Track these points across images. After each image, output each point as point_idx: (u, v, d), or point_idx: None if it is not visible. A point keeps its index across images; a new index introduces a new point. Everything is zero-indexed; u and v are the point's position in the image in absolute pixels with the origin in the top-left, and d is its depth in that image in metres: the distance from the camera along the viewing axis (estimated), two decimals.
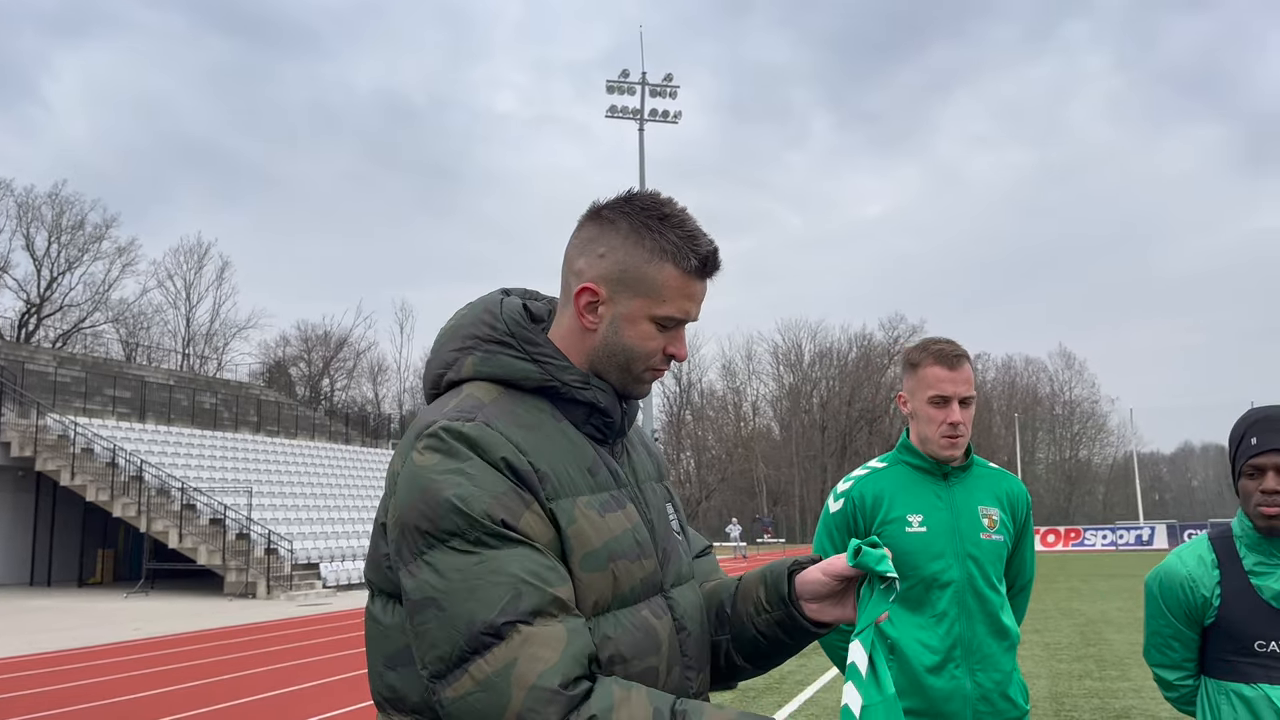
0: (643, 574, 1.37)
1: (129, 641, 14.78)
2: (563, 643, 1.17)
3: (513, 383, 1.40)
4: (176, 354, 57.83)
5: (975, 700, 2.54)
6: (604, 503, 1.36)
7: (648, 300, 1.41)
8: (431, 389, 1.46)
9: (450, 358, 1.44)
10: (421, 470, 1.26)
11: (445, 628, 1.17)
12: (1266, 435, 2.28)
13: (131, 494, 26.80)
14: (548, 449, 1.33)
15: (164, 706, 9.20)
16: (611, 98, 38.12)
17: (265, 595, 23.92)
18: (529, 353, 1.41)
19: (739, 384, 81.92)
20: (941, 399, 2.62)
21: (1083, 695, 8.65)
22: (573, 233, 1.47)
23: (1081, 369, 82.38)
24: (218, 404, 37.34)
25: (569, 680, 1.15)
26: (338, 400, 66.17)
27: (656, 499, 1.52)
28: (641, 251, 1.40)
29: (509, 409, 1.35)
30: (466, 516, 1.21)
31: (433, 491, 1.23)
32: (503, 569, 1.19)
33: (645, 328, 1.42)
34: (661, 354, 1.44)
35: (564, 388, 1.40)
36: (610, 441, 1.47)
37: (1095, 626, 14.12)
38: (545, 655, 1.15)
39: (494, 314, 1.44)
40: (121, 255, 56.15)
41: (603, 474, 1.40)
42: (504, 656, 1.14)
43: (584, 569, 1.29)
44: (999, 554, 2.66)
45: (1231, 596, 2.36)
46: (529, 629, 1.16)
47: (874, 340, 78.95)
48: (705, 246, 1.41)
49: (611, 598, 1.31)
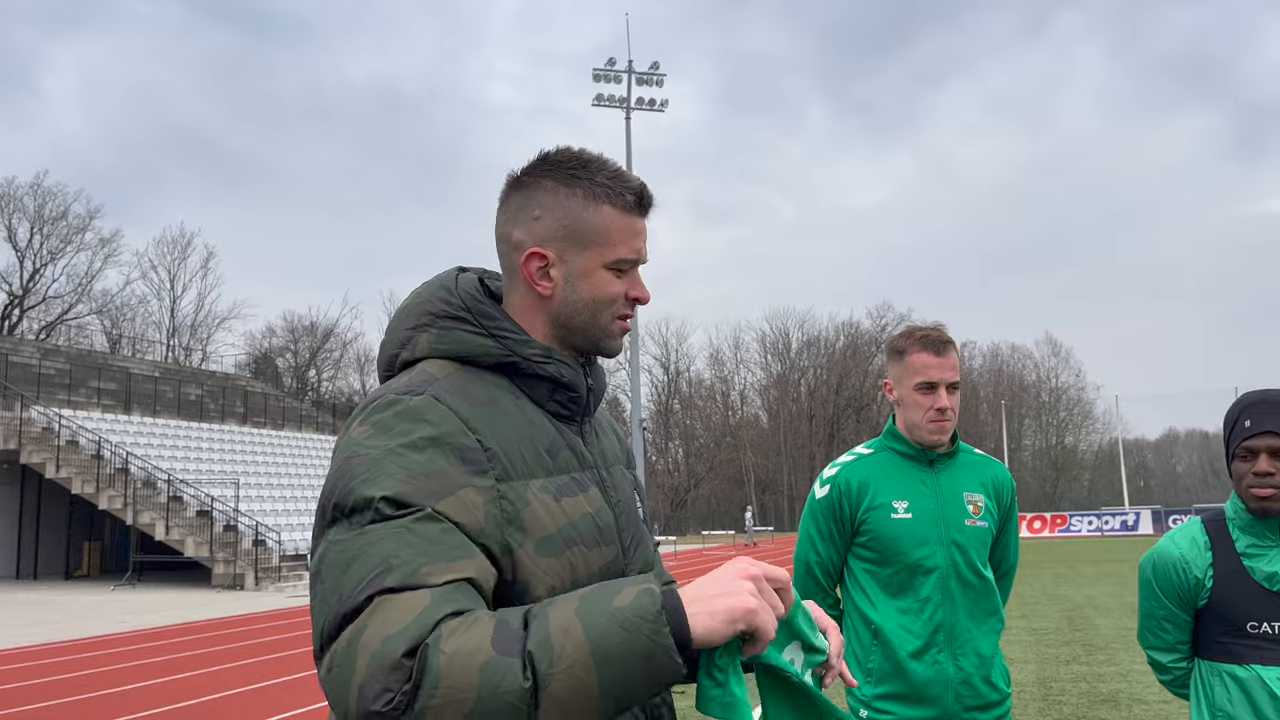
0: (602, 562, 1.33)
1: (117, 634, 14.71)
2: (421, 607, 1.05)
3: (470, 359, 1.35)
4: (161, 345, 57.54)
5: (957, 684, 2.55)
6: (562, 486, 1.31)
7: (598, 249, 1.37)
8: (385, 370, 1.41)
9: (405, 336, 1.39)
10: (351, 443, 1.22)
11: (321, 605, 1.10)
12: (1260, 418, 2.29)
13: (118, 486, 26.66)
14: (502, 427, 1.28)
15: (153, 698, 9.16)
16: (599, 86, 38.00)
17: (254, 587, 23.86)
18: (486, 327, 1.36)
19: (727, 373, 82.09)
20: (928, 385, 2.63)
21: (1070, 680, 8.71)
22: (499, 208, 1.43)
23: (1068, 356, 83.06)
24: (203, 395, 37.13)
25: (417, 644, 1.01)
26: (324, 391, 65.95)
27: (624, 484, 1.47)
28: (575, 201, 1.37)
29: (463, 384, 1.30)
30: (368, 496, 1.14)
31: (350, 466, 1.18)
32: (381, 546, 1.10)
33: (602, 276, 1.38)
34: (624, 298, 1.41)
35: (524, 362, 1.35)
36: (577, 420, 1.42)
37: (1082, 611, 14.22)
38: (395, 618, 1.04)
39: (449, 289, 1.40)
40: (105, 246, 55.77)
41: (564, 455, 1.35)
42: (357, 627, 1.05)
43: (539, 554, 1.24)
44: (984, 540, 2.67)
45: (1224, 578, 2.37)
46: (384, 598, 1.06)
47: (861, 329, 79.27)
48: (633, 182, 1.40)
49: (569, 585, 1.26)
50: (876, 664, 2.59)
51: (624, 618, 1.04)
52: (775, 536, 53.79)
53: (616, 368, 59.42)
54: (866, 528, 2.66)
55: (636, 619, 1.03)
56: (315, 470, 34.33)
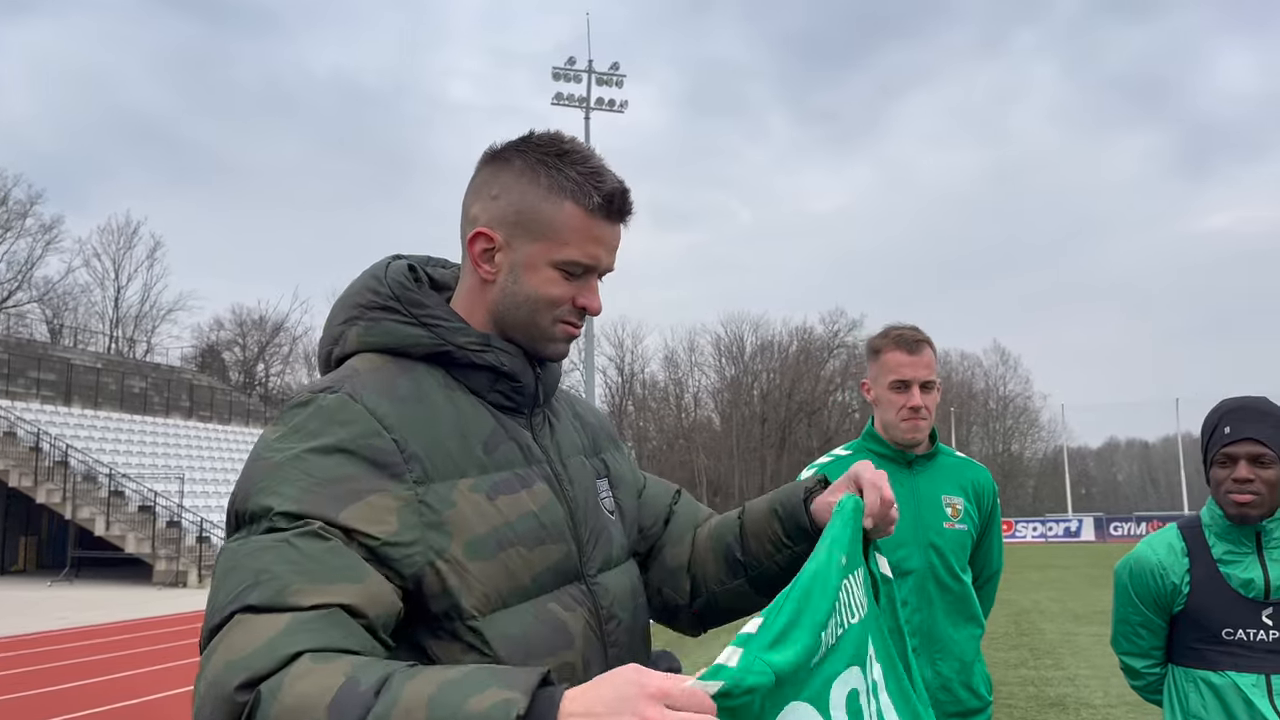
0: (548, 562, 1.24)
1: (54, 631, 14.34)
2: (273, 633, 0.96)
3: (401, 351, 1.28)
4: (104, 336, 56.09)
5: (936, 689, 2.53)
6: (498, 484, 1.23)
7: (548, 244, 1.28)
8: (324, 367, 1.34)
9: (336, 331, 1.33)
10: (261, 445, 1.17)
11: (206, 618, 1.04)
12: (1240, 425, 2.31)
13: (56, 480, 26.04)
14: (427, 425, 1.20)
15: (91, 698, 8.91)
16: (558, 85, 37.87)
17: (197, 584, 23.39)
18: (416, 316, 1.28)
19: (681, 375, 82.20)
20: (902, 383, 2.62)
21: (1018, 684, 8.82)
22: (470, 180, 1.36)
23: (1016, 365, 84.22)
24: (148, 388, 36.31)
25: (257, 677, 0.92)
26: (273, 386, 64.86)
27: (584, 476, 1.38)
28: (537, 190, 1.28)
29: (387, 380, 1.23)
30: (265, 506, 1.08)
31: (254, 471, 1.14)
32: (258, 558, 1.03)
33: (547, 274, 1.29)
34: (570, 305, 1.32)
35: (459, 351, 1.27)
36: (525, 411, 1.34)
37: (1029, 616, 14.43)
38: (243, 642, 0.95)
39: (379, 279, 1.32)
40: (46, 233, 54.28)
41: (504, 450, 1.27)
42: (214, 644, 0.98)
43: (468, 558, 1.16)
44: (962, 543, 2.65)
45: (1200, 584, 2.38)
46: (243, 616, 0.99)
47: (814, 333, 79.80)
48: (610, 184, 1.29)
49: (509, 590, 1.19)
50: None
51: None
52: None
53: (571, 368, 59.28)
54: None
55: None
56: None
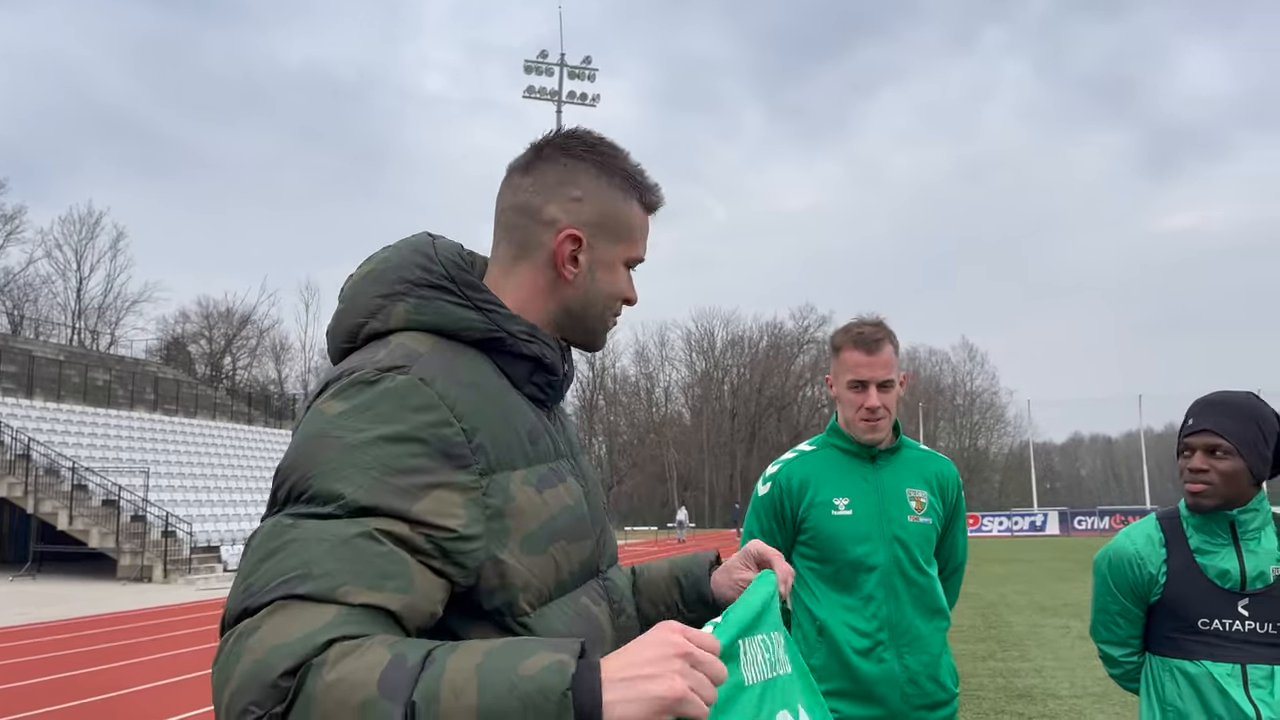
0: (581, 557, 1.24)
1: (15, 627, 14.10)
2: (322, 622, 0.94)
3: (452, 334, 1.22)
4: (66, 328, 55.23)
5: (903, 683, 2.53)
6: (542, 477, 1.21)
7: (626, 244, 1.34)
8: (346, 341, 1.25)
9: (374, 305, 1.23)
10: (323, 420, 1.09)
11: (236, 583, 1.01)
12: (1200, 416, 2.34)
13: (18, 473, 25.55)
14: (489, 413, 1.16)
15: (54, 694, 8.76)
16: (530, 78, 37.70)
17: (162, 579, 23.14)
18: (472, 299, 1.23)
19: (652, 369, 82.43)
20: (859, 383, 2.61)
21: (987, 675, 8.90)
22: (521, 175, 1.32)
23: (983, 361, 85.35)
24: (111, 381, 35.74)
25: (301, 663, 0.91)
26: (240, 379, 64.16)
27: (591, 473, 1.39)
28: (615, 192, 1.32)
29: (451, 364, 1.17)
30: (332, 491, 1.03)
31: (320, 449, 1.07)
32: (310, 548, 0.99)
33: (621, 273, 1.35)
34: (622, 300, 1.37)
35: (510, 339, 1.24)
36: (549, 405, 1.33)
37: (995, 609, 14.58)
38: (291, 628, 0.93)
39: (428, 255, 1.25)
40: (7, 223, 53.37)
41: (543, 442, 1.25)
42: (253, 624, 0.95)
43: (524, 553, 1.14)
44: (927, 536, 2.65)
45: (1177, 574, 2.40)
46: (289, 603, 0.96)
47: (784, 329, 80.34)
48: (651, 180, 1.38)
49: (554, 585, 1.18)
50: (822, 661, 2.55)
51: (525, 690, 0.89)
52: (696, 533, 54.22)
53: None
54: (807, 525, 2.63)
55: (539, 696, 0.89)
56: (229, 460, 33.38)
